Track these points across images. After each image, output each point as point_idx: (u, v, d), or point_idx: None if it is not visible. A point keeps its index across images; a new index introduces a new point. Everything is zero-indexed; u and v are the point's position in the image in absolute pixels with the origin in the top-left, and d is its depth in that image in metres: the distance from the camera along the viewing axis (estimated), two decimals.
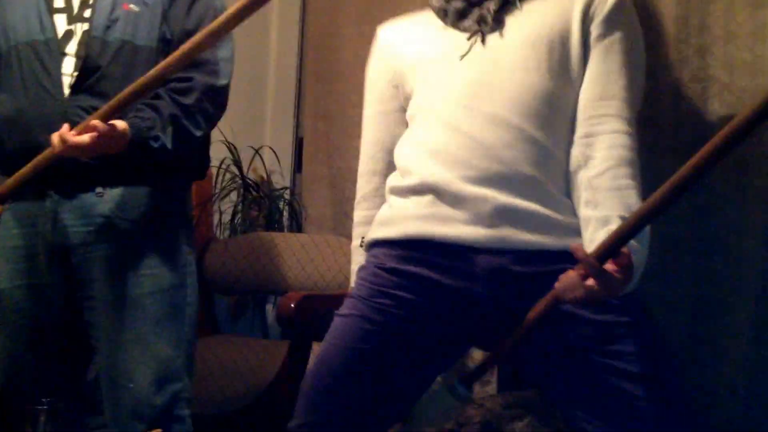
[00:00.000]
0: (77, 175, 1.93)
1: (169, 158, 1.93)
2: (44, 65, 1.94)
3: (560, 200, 1.64)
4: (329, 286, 3.01)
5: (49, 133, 1.81)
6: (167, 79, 1.85)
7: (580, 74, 1.67)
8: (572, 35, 1.67)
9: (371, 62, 1.91)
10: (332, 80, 3.32)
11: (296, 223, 3.44)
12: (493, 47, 1.70)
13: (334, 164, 3.32)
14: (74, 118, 1.85)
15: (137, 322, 1.95)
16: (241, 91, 2.88)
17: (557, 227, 1.62)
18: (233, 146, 3.36)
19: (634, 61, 1.68)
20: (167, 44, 1.97)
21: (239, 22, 1.73)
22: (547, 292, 1.53)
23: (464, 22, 1.74)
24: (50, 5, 1.99)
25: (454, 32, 1.75)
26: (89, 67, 1.92)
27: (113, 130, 1.78)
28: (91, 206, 1.95)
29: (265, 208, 3.38)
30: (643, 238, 1.54)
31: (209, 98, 1.97)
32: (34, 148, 1.86)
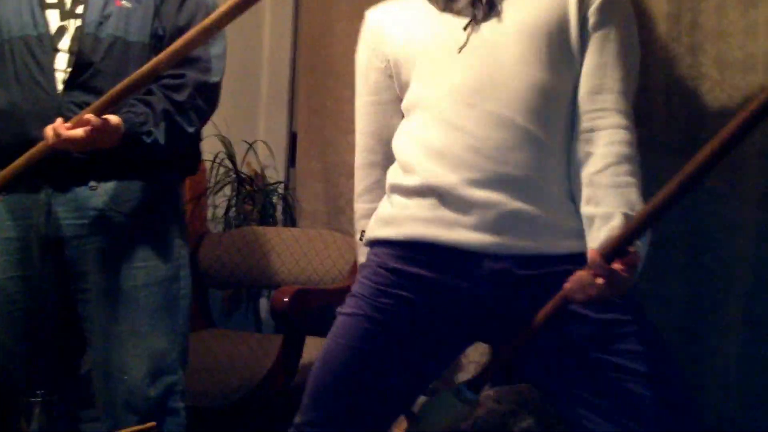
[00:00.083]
0: (71, 169, 1.93)
1: (160, 153, 1.93)
2: (37, 60, 1.94)
3: (562, 202, 1.64)
4: (323, 280, 3.01)
5: (42, 127, 1.82)
6: (160, 75, 1.85)
7: (578, 63, 1.65)
8: (569, 22, 1.64)
9: (361, 47, 1.86)
10: (326, 75, 3.32)
11: (290, 217, 3.44)
12: (490, 38, 1.66)
13: (327, 159, 3.33)
14: (68, 113, 1.86)
15: (131, 314, 1.96)
16: (235, 86, 2.89)
17: (559, 231, 1.62)
18: (227, 140, 3.36)
19: (630, 49, 1.67)
20: (159, 40, 1.97)
21: (232, 19, 1.73)
22: (548, 293, 1.54)
23: (457, 3, 1.70)
24: (42, 0, 1.99)
25: (447, 18, 1.71)
26: (82, 63, 1.93)
27: (107, 124, 1.79)
28: (84, 199, 1.96)
29: (259, 202, 3.39)
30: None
31: (201, 95, 1.98)
32: (27, 141, 1.87)
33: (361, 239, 1.84)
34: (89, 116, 1.77)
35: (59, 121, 1.79)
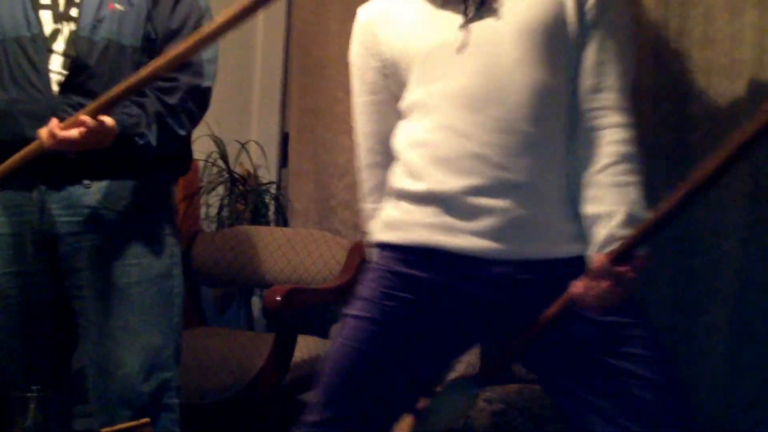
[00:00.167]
0: (65, 168, 1.94)
1: (152, 155, 1.95)
2: (31, 61, 1.95)
3: (562, 205, 1.64)
4: (314, 279, 3.03)
5: (37, 127, 1.83)
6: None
7: (576, 60, 1.64)
8: (567, 18, 1.63)
9: (354, 46, 1.83)
10: (318, 76, 3.33)
11: (282, 217, 3.46)
12: (489, 37, 1.63)
13: (319, 159, 3.35)
14: (62, 114, 1.86)
15: (125, 310, 1.97)
16: (227, 86, 2.91)
17: (560, 234, 1.63)
18: (220, 140, 3.37)
19: (627, 45, 1.66)
20: (152, 43, 1.98)
21: (232, 28, 1.71)
22: (549, 296, 1.56)
23: None
24: (36, 1, 1.99)
25: (443, 14, 1.68)
26: (78, 66, 1.94)
27: (102, 125, 1.80)
28: (78, 197, 1.97)
29: (251, 202, 3.39)
30: None
31: (193, 98, 2.00)
32: (23, 141, 1.88)
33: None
34: (84, 117, 1.77)
35: (54, 121, 1.80)
